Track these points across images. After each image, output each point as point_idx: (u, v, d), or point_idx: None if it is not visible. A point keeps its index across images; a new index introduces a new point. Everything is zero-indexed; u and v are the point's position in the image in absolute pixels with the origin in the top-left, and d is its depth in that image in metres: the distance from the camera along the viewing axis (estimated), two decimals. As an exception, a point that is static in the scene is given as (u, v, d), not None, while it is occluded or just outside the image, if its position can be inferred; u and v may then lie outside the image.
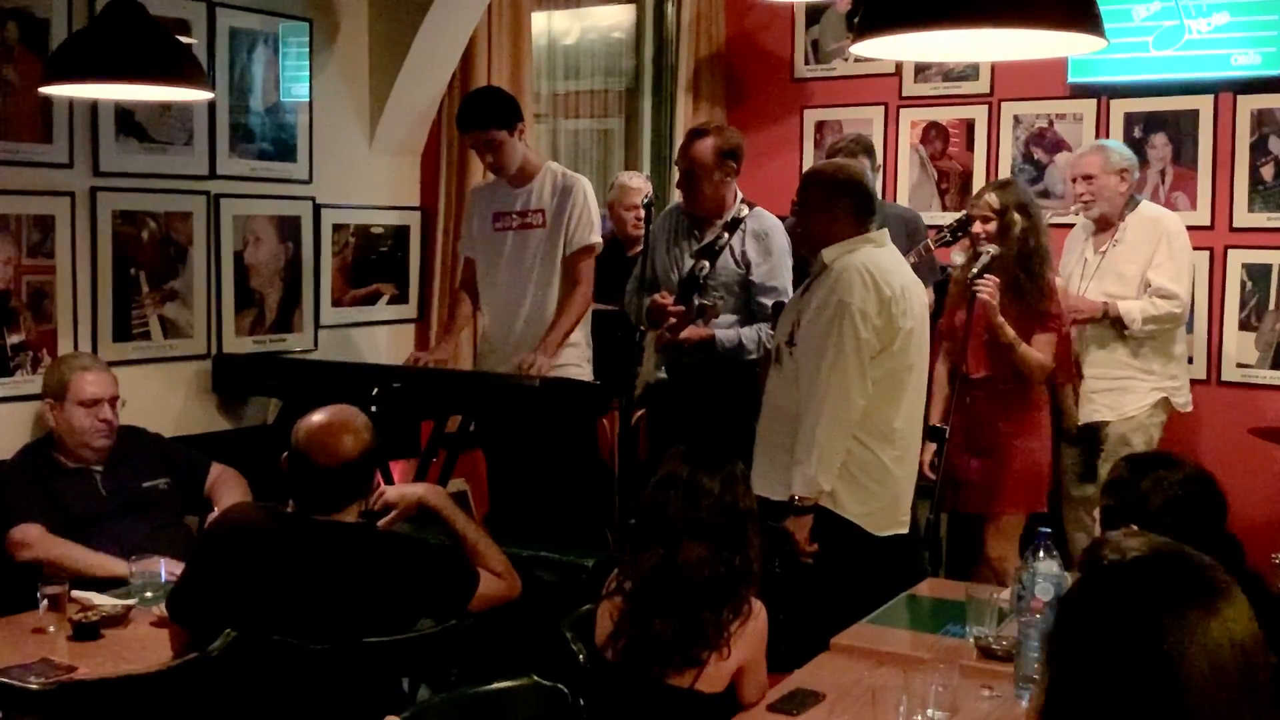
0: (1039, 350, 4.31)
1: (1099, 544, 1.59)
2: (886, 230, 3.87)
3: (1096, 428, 4.78)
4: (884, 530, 3.73)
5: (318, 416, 2.81)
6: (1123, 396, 4.76)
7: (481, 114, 4.45)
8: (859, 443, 3.66)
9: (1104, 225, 4.83)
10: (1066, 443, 4.83)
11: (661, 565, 2.72)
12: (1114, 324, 4.72)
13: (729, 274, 4.43)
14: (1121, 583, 1.51)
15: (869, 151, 5.19)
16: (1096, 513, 2.72)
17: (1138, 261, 4.73)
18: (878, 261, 3.69)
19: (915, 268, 4.09)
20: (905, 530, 3.84)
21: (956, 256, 4.86)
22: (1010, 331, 4.25)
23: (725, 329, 4.40)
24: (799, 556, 3.62)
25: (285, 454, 2.80)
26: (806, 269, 4.03)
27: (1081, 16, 2.20)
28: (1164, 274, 4.71)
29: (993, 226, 4.33)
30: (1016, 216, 4.30)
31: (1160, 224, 4.81)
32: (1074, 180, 4.89)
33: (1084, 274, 4.83)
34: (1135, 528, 2.49)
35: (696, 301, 4.40)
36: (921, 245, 4.92)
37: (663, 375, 4.55)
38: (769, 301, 4.40)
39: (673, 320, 4.35)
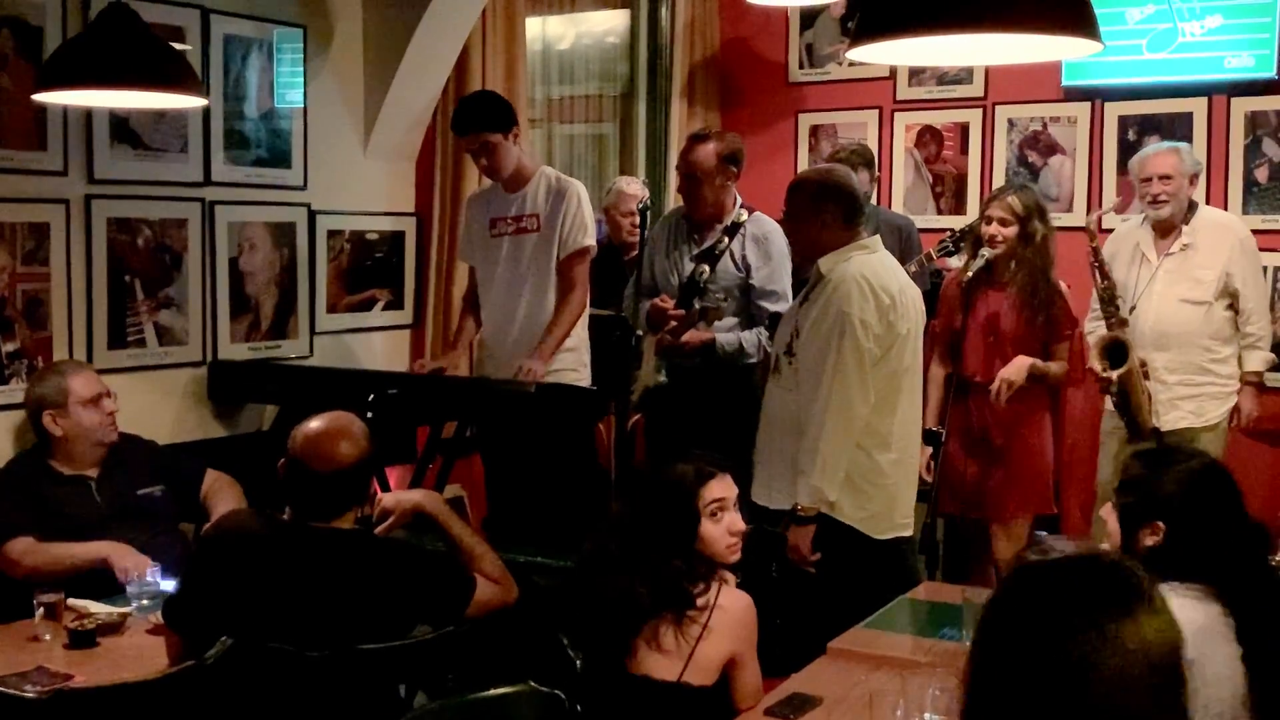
0: (1061, 359, 4.37)
1: (1028, 549, 1.60)
2: (878, 236, 3.89)
3: (1181, 434, 4.68)
4: (883, 534, 3.73)
5: (314, 423, 2.81)
6: (1207, 403, 4.73)
7: (476, 116, 4.46)
8: (857, 447, 3.66)
9: (1166, 229, 4.76)
10: (1132, 441, 4.74)
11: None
12: (1197, 329, 4.69)
13: (729, 278, 4.45)
14: (1039, 586, 1.52)
15: (869, 164, 5.21)
16: (1104, 511, 2.71)
17: (1214, 266, 4.70)
18: (873, 268, 3.70)
19: (913, 276, 4.10)
20: (908, 533, 3.84)
21: (954, 261, 4.87)
22: (1040, 365, 4.28)
23: (725, 332, 4.42)
24: (801, 566, 3.62)
25: (282, 460, 2.80)
26: (800, 276, 4.04)
27: (1078, 20, 2.20)
28: (1262, 317, 4.73)
29: (1012, 231, 4.31)
30: (1038, 223, 4.31)
31: (1232, 229, 4.79)
32: (1146, 180, 4.78)
33: (1141, 277, 4.75)
34: (1162, 525, 2.49)
35: (698, 305, 4.41)
36: (923, 255, 4.92)
37: (662, 379, 4.55)
38: (769, 305, 4.41)
39: (673, 324, 4.37)
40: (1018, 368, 4.25)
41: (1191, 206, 4.78)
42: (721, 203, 4.49)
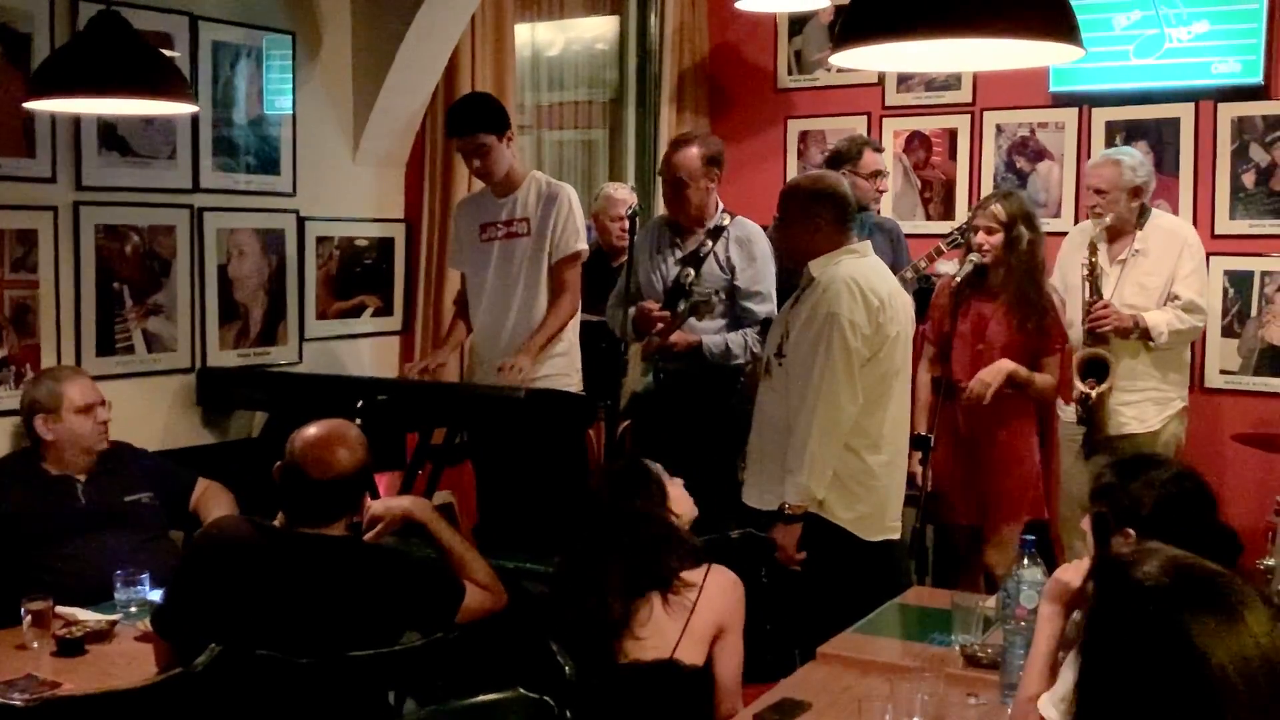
0: (1050, 373, 4.35)
1: (1119, 563, 1.59)
2: (869, 242, 3.91)
3: (1125, 440, 4.66)
4: (874, 535, 3.76)
5: (313, 429, 2.81)
6: (1149, 409, 4.71)
7: (472, 119, 4.47)
8: (847, 449, 3.69)
9: (1116, 235, 4.75)
10: (1088, 455, 4.73)
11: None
12: (1140, 336, 4.65)
13: (714, 280, 4.47)
14: (1149, 599, 1.52)
15: (876, 147, 5.17)
16: (1085, 523, 2.72)
17: (1160, 273, 4.69)
18: (863, 271, 3.74)
19: (903, 283, 4.14)
20: (897, 535, 3.87)
21: (945, 266, 4.88)
22: (1023, 372, 4.27)
23: (712, 335, 4.43)
24: (788, 565, 3.64)
25: (278, 464, 2.80)
26: (789, 281, 4.05)
27: (1059, 26, 2.20)
28: (1190, 288, 4.67)
29: (998, 239, 4.31)
30: (1023, 229, 4.30)
31: (1179, 235, 4.77)
32: (1087, 189, 4.82)
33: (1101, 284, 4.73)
34: (1132, 532, 2.51)
35: (685, 304, 4.42)
36: (916, 262, 4.93)
37: (649, 381, 4.56)
38: (755, 306, 4.43)
39: (660, 326, 4.37)
40: (996, 370, 4.25)
41: (1144, 212, 4.77)
42: (705, 205, 4.51)
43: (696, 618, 2.79)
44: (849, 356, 3.63)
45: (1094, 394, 4.59)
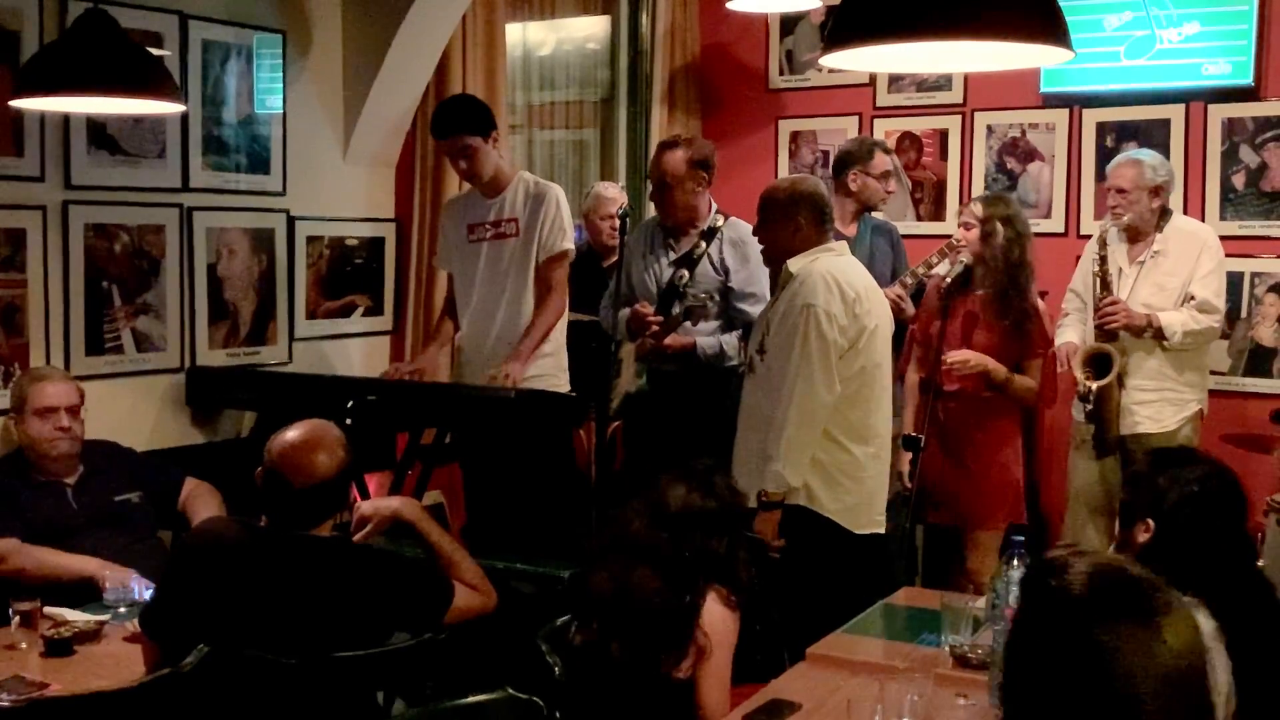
0: (1030, 377, 4.36)
1: (1046, 567, 1.60)
2: (845, 243, 4.02)
3: (1138, 439, 4.63)
4: (862, 528, 3.83)
5: (291, 434, 2.80)
6: (1165, 409, 4.68)
7: (456, 120, 4.46)
8: (834, 440, 3.75)
9: (1136, 236, 4.74)
10: (1099, 455, 4.71)
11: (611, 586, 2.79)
12: (1154, 335, 4.64)
13: (708, 282, 4.48)
14: (1066, 608, 1.53)
15: (879, 144, 5.15)
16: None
17: (1179, 274, 4.67)
18: (840, 267, 3.85)
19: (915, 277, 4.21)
20: (882, 529, 3.91)
21: (938, 267, 4.89)
22: (1001, 372, 4.28)
23: (706, 336, 4.44)
24: (767, 552, 3.65)
25: (260, 469, 2.79)
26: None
27: (1049, 28, 2.21)
28: (1207, 288, 4.66)
29: (974, 233, 4.34)
30: (999, 226, 4.32)
31: (1198, 237, 4.77)
32: (1108, 190, 4.82)
33: (1119, 285, 4.70)
34: (1151, 523, 2.50)
35: (680, 306, 4.43)
36: (929, 258, 4.93)
37: (642, 383, 4.56)
38: (748, 307, 4.44)
39: (654, 328, 4.38)
40: (980, 358, 4.28)
41: (1165, 214, 4.77)
42: (694, 208, 4.51)
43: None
44: (825, 346, 3.70)
45: (1094, 387, 4.58)
